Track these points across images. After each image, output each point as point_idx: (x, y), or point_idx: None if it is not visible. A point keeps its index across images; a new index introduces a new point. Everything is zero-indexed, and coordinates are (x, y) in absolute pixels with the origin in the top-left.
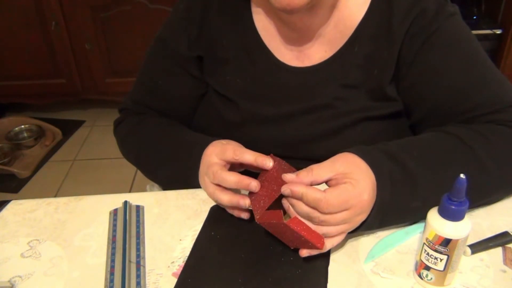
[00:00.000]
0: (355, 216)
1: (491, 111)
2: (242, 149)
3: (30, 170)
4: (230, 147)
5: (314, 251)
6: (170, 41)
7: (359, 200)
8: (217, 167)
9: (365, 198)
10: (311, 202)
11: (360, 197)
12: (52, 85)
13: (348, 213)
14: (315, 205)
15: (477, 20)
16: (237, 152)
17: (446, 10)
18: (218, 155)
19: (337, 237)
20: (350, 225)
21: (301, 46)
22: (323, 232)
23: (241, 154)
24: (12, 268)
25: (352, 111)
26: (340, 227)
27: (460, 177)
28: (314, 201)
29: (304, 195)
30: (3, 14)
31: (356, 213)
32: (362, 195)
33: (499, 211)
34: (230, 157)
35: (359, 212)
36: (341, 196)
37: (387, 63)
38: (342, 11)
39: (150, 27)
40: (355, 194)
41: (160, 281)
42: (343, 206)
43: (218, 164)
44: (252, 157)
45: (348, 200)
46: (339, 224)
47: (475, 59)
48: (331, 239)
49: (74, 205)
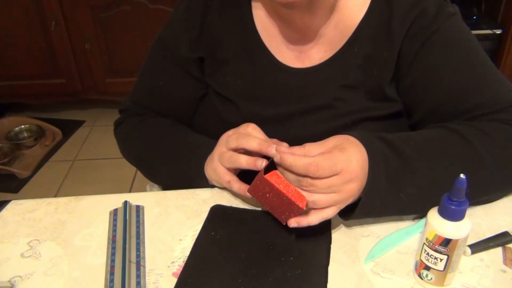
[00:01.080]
0: (344, 184)
1: (491, 111)
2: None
3: (30, 170)
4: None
5: (302, 219)
6: (171, 42)
7: (348, 165)
8: (230, 153)
9: (353, 164)
10: (301, 168)
11: (349, 162)
12: (52, 85)
13: (336, 178)
14: (305, 170)
15: (477, 20)
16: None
17: (446, 11)
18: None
19: (327, 209)
20: (340, 196)
21: (302, 46)
22: (312, 199)
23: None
24: (12, 268)
25: (352, 112)
26: (330, 196)
27: (460, 177)
28: (304, 166)
29: (293, 162)
30: (3, 14)
31: (344, 179)
32: (351, 161)
33: (499, 211)
34: (244, 130)
35: (347, 179)
36: (330, 160)
37: (387, 63)
38: (342, 12)
39: (150, 27)
40: (344, 159)
41: (160, 281)
42: (332, 170)
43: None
44: (255, 141)
45: (336, 164)
46: (328, 192)
47: (475, 59)
48: (321, 212)
49: (74, 205)
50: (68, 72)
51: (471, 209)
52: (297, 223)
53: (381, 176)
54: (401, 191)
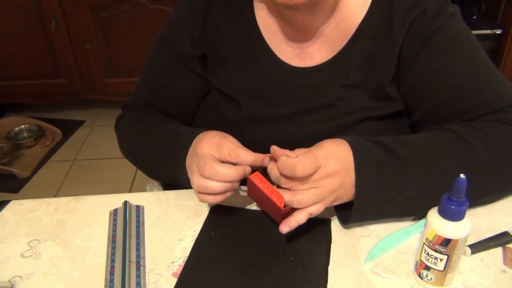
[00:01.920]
0: (322, 179)
1: (491, 111)
2: (237, 150)
3: (30, 170)
4: (226, 144)
5: (290, 221)
6: (174, 40)
7: (325, 161)
8: (210, 159)
9: (331, 160)
10: (287, 168)
11: (326, 158)
12: (52, 85)
13: (315, 174)
14: (292, 171)
15: (477, 20)
16: (233, 154)
17: (446, 11)
18: (213, 150)
19: (312, 206)
20: (320, 190)
21: (302, 44)
22: (296, 198)
23: (237, 155)
24: (12, 268)
25: (353, 111)
26: (311, 192)
27: (460, 177)
28: (289, 166)
29: (282, 161)
30: (3, 14)
31: (321, 174)
32: (328, 157)
33: (499, 211)
34: (224, 157)
35: (324, 174)
36: (311, 157)
37: (388, 63)
38: (343, 11)
39: (150, 27)
40: (321, 154)
41: (160, 281)
42: (315, 167)
43: (211, 156)
44: (250, 157)
45: (316, 158)
46: (308, 188)
47: (475, 59)
48: (306, 209)
49: (74, 205)
50: (68, 72)
51: (471, 209)
52: (288, 227)
53: (372, 178)
54: (399, 194)
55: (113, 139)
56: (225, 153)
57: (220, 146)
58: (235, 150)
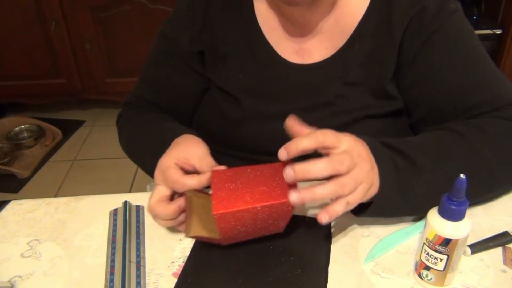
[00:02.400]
0: (362, 165)
1: (492, 110)
2: (183, 179)
3: (30, 170)
4: (171, 175)
5: (329, 210)
6: (173, 36)
7: (353, 144)
8: (156, 193)
9: (359, 145)
10: (309, 142)
11: (354, 141)
12: (52, 85)
13: (356, 167)
14: (315, 141)
15: (477, 20)
16: (176, 186)
17: (447, 8)
18: (161, 181)
19: (350, 196)
20: (358, 170)
21: (301, 40)
22: (347, 200)
23: (181, 186)
24: (12, 268)
25: (353, 109)
26: (361, 188)
27: (460, 177)
28: (310, 137)
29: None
30: (3, 14)
31: (359, 161)
32: (356, 141)
33: (499, 211)
34: (171, 188)
35: (357, 154)
36: (333, 132)
37: (388, 60)
38: (343, 8)
39: (150, 27)
40: (348, 137)
41: (160, 281)
42: (337, 138)
43: (157, 189)
44: (193, 181)
45: (339, 136)
46: (358, 185)
47: (476, 58)
48: (346, 197)
49: (74, 205)
50: (68, 72)
51: (471, 209)
52: (328, 216)
53: (392, 174)
54: (410, 191)
55: (113, 139)
56: (170, 186)
57: (166, 178)
58: (178, 181)
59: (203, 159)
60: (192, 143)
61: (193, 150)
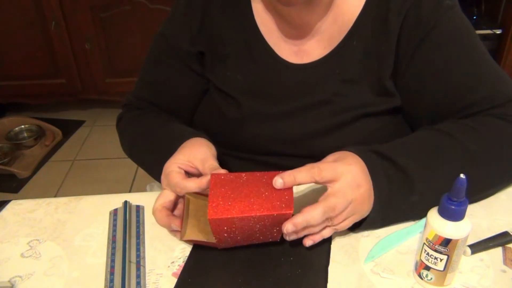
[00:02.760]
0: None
1: (490, 107)
2: (183, 183)
3: (30, 170)
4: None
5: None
6: (171, 37)
7: (349, 169)
8: (160, 198)
9: (354, 169)
10: (306, 177)
11: (349, 167)
12: (52, 85)
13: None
14: (310, 176)
15: (477, 20)
16: (178, 189)
17: (444, 4)
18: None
19: (323, 231)
20: (355, 207)
21: (300, 42)
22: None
23: (181, 190)
24: (12, 268)
25: (351, 107)
26: (351, 218)
27: (460, 177)
28: (307, 171)
29: (297, 176)
30: (3, 14)
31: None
32: (351, 165)
33: (499, 211)
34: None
35: (355, 185)
36: (331, 165)
37: (386, 57)
38: (340, 7)
39: (150, 27)
40: (343, 165)
41: (160, 281)
42: (334, 172)
43: (162, 194)
44: (194, 185)
45: (336, 167)
46: (349, 215)
47: (474, 55)
48: (318, 234)
49: (74, 205)
50: (68, 72)
51: (471, 209)
52: (313, 242)
53: (384, 188)
54: (402, 203)
55: (113, 139)
56: (172, 189)
57: (168, 181)
58: (178, 184)
59: (206, 161)
60: (196, 146)
61: (196, 153)
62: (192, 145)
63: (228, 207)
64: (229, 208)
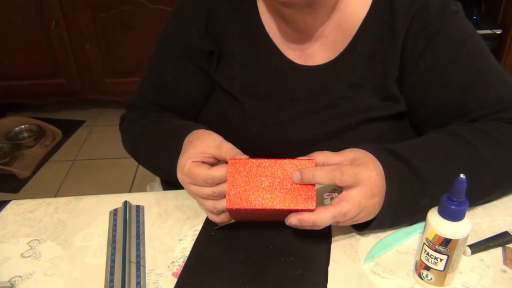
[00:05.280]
0: (369, 198)
1: (495, 111)
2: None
3: (30, 170)
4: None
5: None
6: (180, 36)
7: (369, 177)
8: (198, 169)
9: (375, 178)
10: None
11: (371, 175)
12: (52, 85)
13: (363, 194)
14: (331, 177)
15: (477, 20)
16: (209, 181)
17: (450, 8)
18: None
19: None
20: (365, 213)
21: (304, 46)
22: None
23: (212, 180)
24: (12, 268)
25: (356, 112)
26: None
27: (460, 177)
28: (329, 172)
29: (317, 171)
30: (3, 14)
31: (368, 194)
32: (372, 174)
33: (499, 211)
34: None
35: (371, 194)
36: (354, 169)
37: (391, 61)
38: (344, 11)
39: (150, 27)
40: (366, 170)
41: (160, 281)
42: (356, 178)
43: (196, 165)
44: (223, 171)
45: (359, 173)
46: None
47: (479, 59)
48: None
49: (74, 205)
50: (68, 72)
51: (471, 209)
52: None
53: (395, 191)
54: (414, 205)
55: (113, 139)
56: (201, 182)
57: (194, 178)
58: (207, 176)
59: (222, 146)
60: (204, 135)
61: (208, 141)
62: (200, 136)
63: (247, 197)
64: (247, 198)
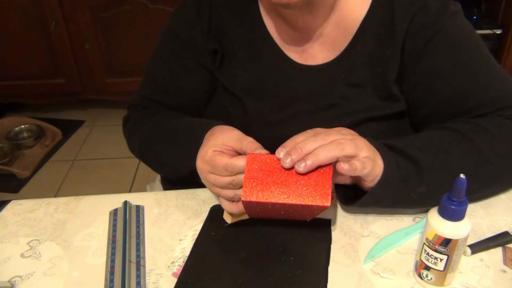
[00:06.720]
0: (346, 136)
1: (497, 109)
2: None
3: (30, 170)
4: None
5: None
6: (184, 34)
7: (366, 143)
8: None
9: (360, 140)
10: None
11: (366, 142)
12: (52, 85)
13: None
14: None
15: (477, 20)
16: (229, 169)
17: (449, 9)
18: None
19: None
20: (355, 143)
21: (304, 46)
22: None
23: (232, 169)
24: (12, 268)
25: (356, 111)
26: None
27: (460, 177)
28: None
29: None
30: (3, 14)
31: (352, 135)
32: (367, 142)
33: (499, 211)
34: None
35: (353, 137)
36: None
37: (391, 61)
38: (343, 11)
39: (150, 27)
40: (350, 136)
41: (160, 281)
42: (339, 132)
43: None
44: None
45: (341, 129)
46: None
47: (479, 58)
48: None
49: (74, 205)
50: (68, 72)
51: (471, 209)
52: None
53: (395, 173)
54: (411, 190)
55: (113, 139)
56: (221, 170)
57: (214, 166)
58: (228, 164)
59: (243, 140)
60: (226, 130)
61: (230, 134)
62: (222, 130)
63: (263, 191)
64: (263, 192)
